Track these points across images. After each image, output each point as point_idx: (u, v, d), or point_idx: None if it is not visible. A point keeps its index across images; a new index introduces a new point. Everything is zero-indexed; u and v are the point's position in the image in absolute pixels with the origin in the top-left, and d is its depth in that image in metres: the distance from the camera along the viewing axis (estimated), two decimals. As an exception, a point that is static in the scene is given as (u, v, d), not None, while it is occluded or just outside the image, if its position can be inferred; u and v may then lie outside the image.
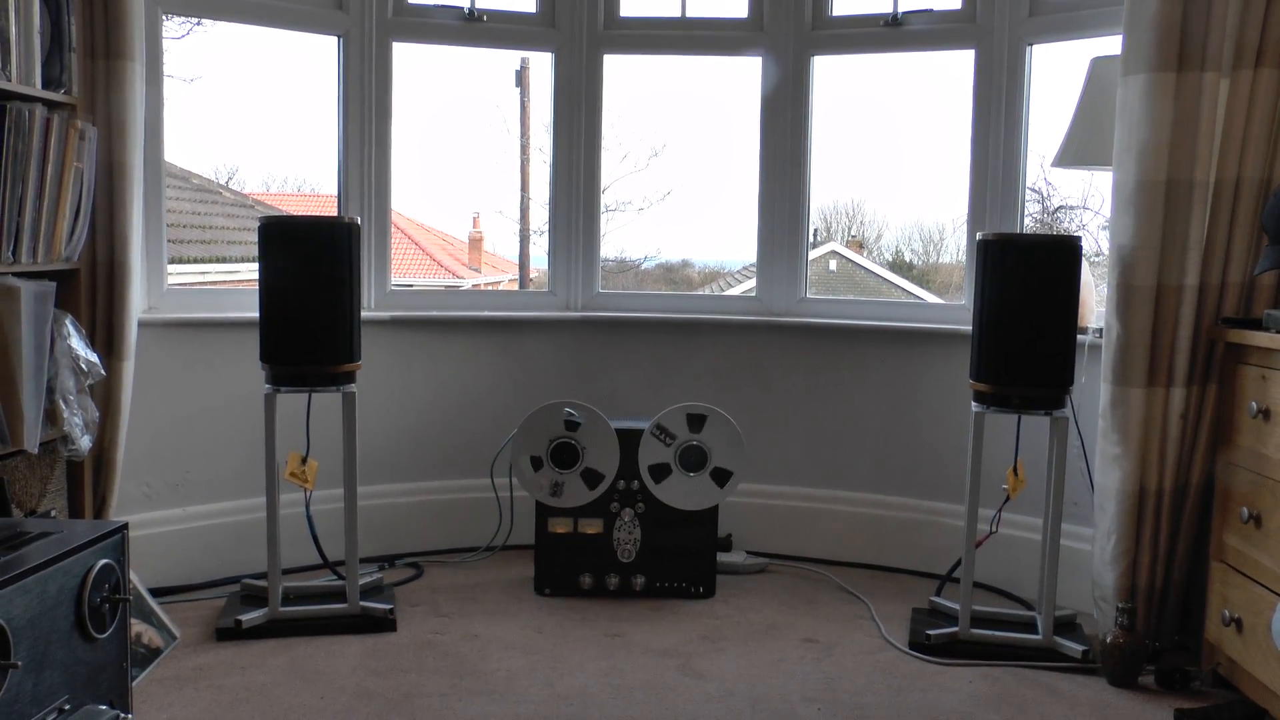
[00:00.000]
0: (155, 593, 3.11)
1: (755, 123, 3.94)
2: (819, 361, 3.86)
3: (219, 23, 3.57)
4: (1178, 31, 2.78)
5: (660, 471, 3.39)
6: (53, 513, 2.78)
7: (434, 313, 3.89)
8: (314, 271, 2.98)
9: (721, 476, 3.39)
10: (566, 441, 3.36)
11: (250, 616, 3.02)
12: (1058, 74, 3.68)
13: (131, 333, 3.02)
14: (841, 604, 3.42)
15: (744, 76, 3.99)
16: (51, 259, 2.71)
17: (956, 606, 3.08)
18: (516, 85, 10.27)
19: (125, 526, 2.17)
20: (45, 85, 2.70)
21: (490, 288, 12.09)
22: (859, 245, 12.26)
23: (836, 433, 3.87)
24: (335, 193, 3.80)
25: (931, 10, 3.73)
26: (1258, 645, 2.53)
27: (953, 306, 3.84)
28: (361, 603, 3.12)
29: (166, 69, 3.37)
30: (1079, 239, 2.94)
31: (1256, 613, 2.54)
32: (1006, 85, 3.59)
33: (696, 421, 3.39)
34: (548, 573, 3.44)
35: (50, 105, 2.67)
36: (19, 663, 1.79)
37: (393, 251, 3.89)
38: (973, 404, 3.03)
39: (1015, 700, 2.72)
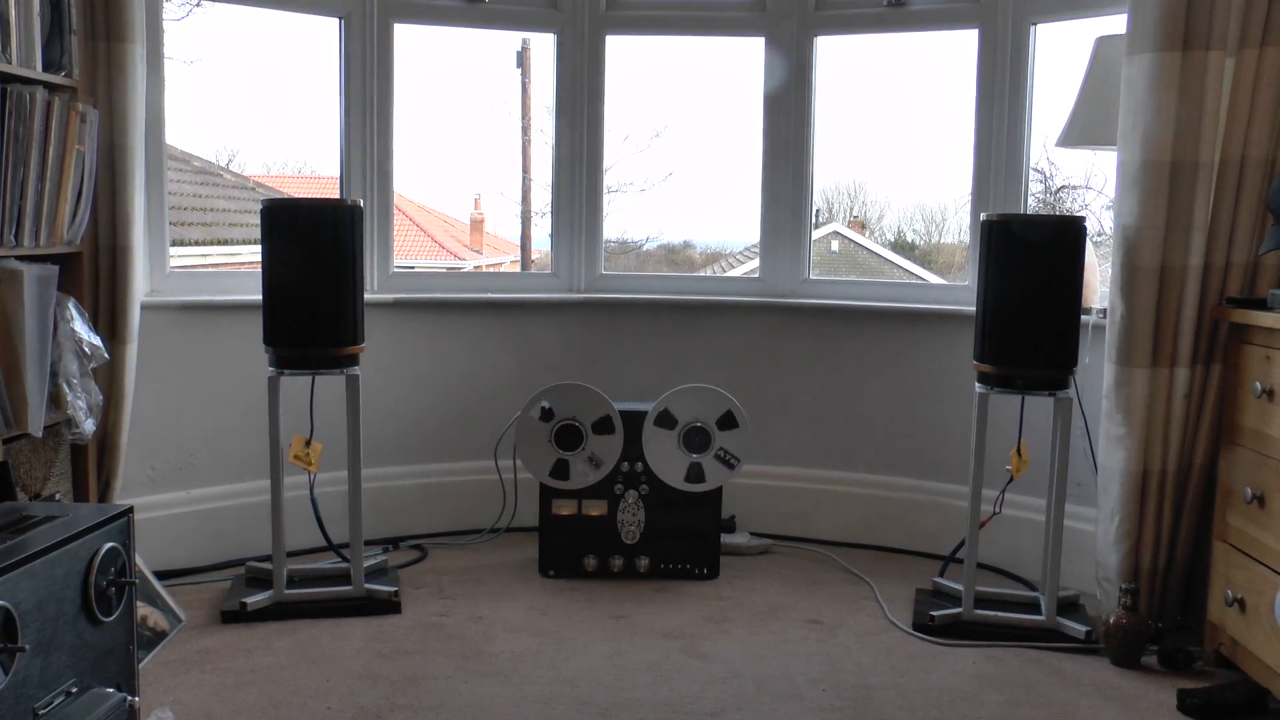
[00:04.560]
0: (160, 575, 3.12)
1: (757, 103, 3.93)
2: (822, 343, 3.86)
3: (219, 4, 3.55)
4: (1183, 11, 2.77)
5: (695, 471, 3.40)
6: (57, 496, 2.78)
7: (437, 295, 3.88)
8: (317, 254, 2.98)
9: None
10: (565, 425, 3.36)
11: (255, 599, 3.03)
12: (1062, 54, 3.66)
13: (134, 316, 3.02)
14: (845, 585, 3.43)
15: (746, 57, 3.97)
16: (54, 242, 2.71)
17: (960, 587, 3.08)
18: (517, 66, 10.22)
19: (131, 510, 2.17)
20: (46, 68, 2.69)
21: (492, 269, 12.08)
22: (861, 226, 12.23)
23: (840, 414, 3.87)
24: (336, 175, 3.79)
25: (935, -10, 3.72)
26: (1260, 625, 2.53)
27: (956, 287, 3.84)
28: (366, 585, 3.13)
29: (166, 51, 3.35)
30: (1083, 220, 2.94)
31: (1259, 593, 2.54)
32: (1010, 65, 3.57)
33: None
34: (552, 555, 3.44)
35: (51, 88, 2.66)
36: (26, 646, 1.79)
37: (395, 233, 3.88)
38: (976, 385, 3.03)
39: (1019, 681, 2.73)
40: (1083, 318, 2.97)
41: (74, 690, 1.95)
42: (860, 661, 2.83)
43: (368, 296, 3.33)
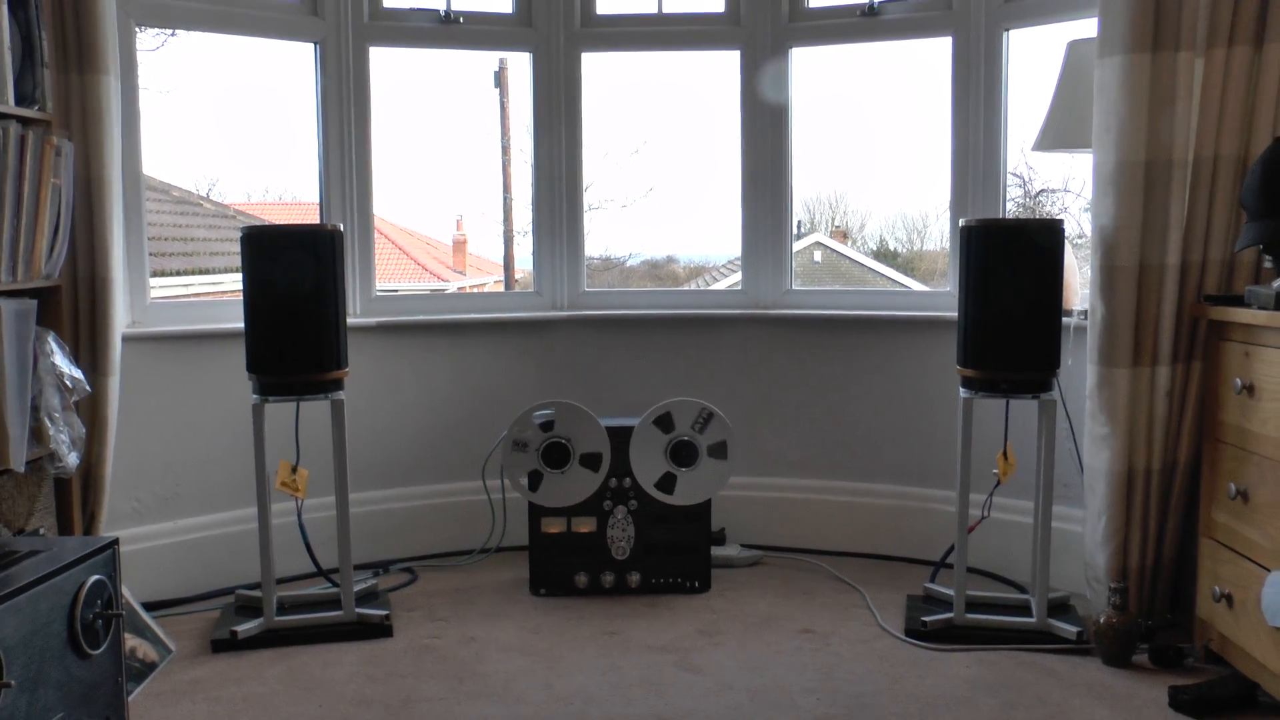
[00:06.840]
0: (149, 607, 3.11)
1: (735, 117, 3.95)
2: (807, 353, 3.87)
3: (193, 33, 3.56)
4: (1152, 13, 2.79)
5: (667, 481, 3.39)
6: (42, 531, 2.77)
7: (420, 317, 3.88)
8: (298, 280, 2.97)
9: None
10: (551, 443, 3.36)
11: (246, 627, 3.02)
12: (1035, 59, 3.68)
13: (116, 348, 3.01)
14: (837, 593, 3.43)
15: (722, 71, 4.00)
16: (32, 276, 2.70)
17: (951, 592, 3.09)
18: (495, 86, 10.23)
19: (116, 542, 2.16)
20: (18, 102, 2.69)
21: (476, 290, 12.06)
22: (843, 235, 12.26)
23: (826, 423, 3.87)
24: (317, 200, 3.79)
25: (907, -2, 3.74)
26: (1248, 620, 2.54)
27: (938, 293, 3.85)
28: (357, 609, 3.12)
29: (141, 81, 3.35)
30: (1062, 222, 2.95)
31: (1246, 588, 2.55)
32: (984, 71, 3.60)
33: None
34: (542, 573, 3.44)
35: (25, 122, 2.66)
36: (12, 682, 1.78)
37: (376, 257, 3.88)
38: (961, 389, 3.04)
39: (1012, 683, 2.73)
40: (1064, 320, 2.99)
41: (63, 725, 1.94)
42: (853, 669, 2.83)
43: (350, 321, 3.33)
